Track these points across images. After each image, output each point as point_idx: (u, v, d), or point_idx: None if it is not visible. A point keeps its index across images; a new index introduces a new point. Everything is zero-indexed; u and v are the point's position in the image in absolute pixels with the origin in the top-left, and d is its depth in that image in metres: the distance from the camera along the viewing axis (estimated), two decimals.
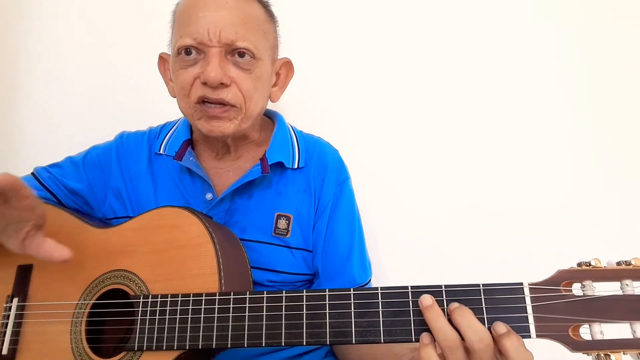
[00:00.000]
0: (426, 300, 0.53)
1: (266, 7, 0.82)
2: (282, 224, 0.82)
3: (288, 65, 0.88)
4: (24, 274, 0.79)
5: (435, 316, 0.52)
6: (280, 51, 0.88)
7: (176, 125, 0.91)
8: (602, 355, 0.49)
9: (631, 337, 0.49)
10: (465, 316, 0.51)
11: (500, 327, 0.51)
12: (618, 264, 0.52)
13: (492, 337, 0.51)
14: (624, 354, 0.49)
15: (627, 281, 0.51)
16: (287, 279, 0.82)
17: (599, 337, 0.50)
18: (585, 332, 0.51)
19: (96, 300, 0.72)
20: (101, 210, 0.88)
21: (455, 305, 0.53)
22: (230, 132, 0.78)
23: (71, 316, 0.73)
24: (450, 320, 0.52)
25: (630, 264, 0.52)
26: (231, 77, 0.75)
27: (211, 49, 0.74)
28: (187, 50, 0.75)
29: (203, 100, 0.75)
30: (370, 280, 0.87)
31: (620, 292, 0.51)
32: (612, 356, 0.49)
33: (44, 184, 0.86)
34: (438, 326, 0.51)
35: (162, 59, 0.86)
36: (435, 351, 0.51)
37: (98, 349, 0.72)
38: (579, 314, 0.50)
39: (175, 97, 0.82)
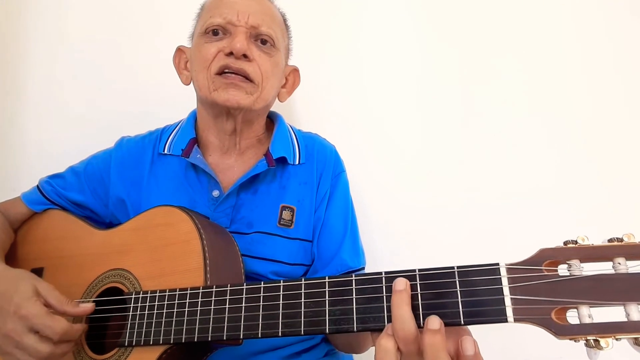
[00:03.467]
0: (399, 284, 0.50)
1: (284, 17, 0.92)
2: (286, 215, 0.84)
3: (296, 73, 0.94)
4: None
5: (400, 302, 0.48)
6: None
7: (179, 125, 0.93)
8: (591, 340, 0.44)
9: (625, 320, 0.44)
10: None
11: (468, 347, 0.46)
12: (609, 240, 0.47)
13: (458, 352, 0.47)
14: (615, 339, 0.44)
15: (620, 259, 0.46)
16: (289, 271, 0.82)
17: (587, 320, 0.45)
18: (572, 316, 0.46)
19: (95, 298, 0.75)
20: (108, 218, 0.91)
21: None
22: (245, 105, 0.80)
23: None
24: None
25: (622, 240, 0.47)
26: (253, 54, 0.80)
27: (238, 28, 0.80)
28: (215, 31, 0.81)
29: (223, 72, 0.79)
30: (364, 267, 0.88)
31: (612, 271, 0.46)
32: (602, 341, 0.44)
33: (48, 198, 0.89)
34: (399, 314, 0.48)
35: (180, 50, 0.91)
36: (396, 345, 0.48)
37: (98, 346, 0.74)
38: (563, 295, 0.46)
39: (188, 84, 0.87)
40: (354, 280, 0.54)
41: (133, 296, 0.69)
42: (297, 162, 0.88)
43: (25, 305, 0.65)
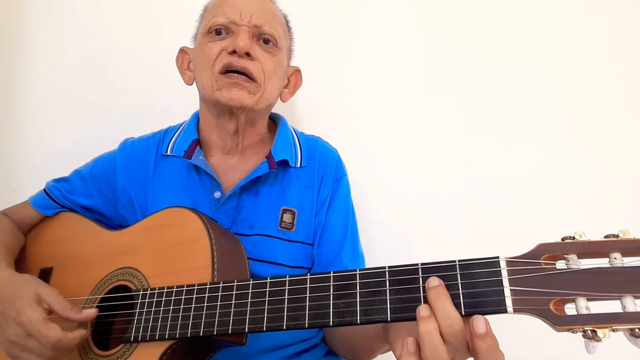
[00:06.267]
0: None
1: (286, 19, 0.94)
2: (287, 218, 0.85)
3: (297, 74, 0.96)
4: (45, 276, 0.85)
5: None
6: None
7: (182, 127, 0.95)
8: (589, 331, 0.45)
9: (621, 311, 0.45)
10: (440, 299, 0.49)
11: (479, 326, 0.47)
12: (606, 236, 0.49)
13: (471, 332, 0.48)
14: (612, 330, 0.45)
15: (616, 254, 0.48)
16: (290, 274, 0.82)
17: (584, 312, 0.46)
18: (570, 308, 0.47)
19: (104, 296, 0.76)
20: (117, 220, 0.92)
21: (434, 282, 0.51)
22: (248, 105, 0.82)
23: None
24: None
25: (617, 236, 0.48)
26: (256, 53, 0.82)
27: (241, 27, 0.82)
28: (218, 30, 0.83)
29: (226, 71, 0.81)
30: None
31: (608, 266, 0.47)
32: (599, 332, 0.45)
33: (58, 202, 0.91)
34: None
35: (183, 51, 0.93)
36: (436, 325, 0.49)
37: (104, 343, 0.74)
38: (561, 287, 0.47)
39: (191, 84, 0.89)
40: (358, 275, 0.56)
41: (140, 292, 0.70)
42: (298, 165, 0.89)
43: (24, 311, 0.67)
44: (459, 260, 0.51)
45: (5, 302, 0.69)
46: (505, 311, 0.48)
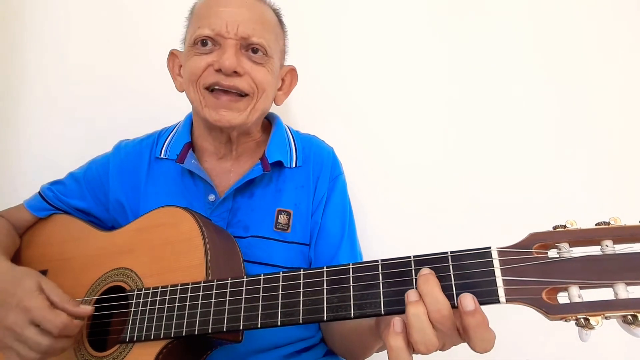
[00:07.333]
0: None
1: (278, 16, 0.89)
2: (283, 219, 0.84)
3: (293, 72, 0.93)
4: None
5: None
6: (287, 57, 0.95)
7: (175, 129, 0.93)
8: (582, 319, 0.45)
9: (613, 298, 0.45)
10: (428, 284, 0.49)
11: (467, 303, 0.47)
12: (597, 224, 0.49)
13: (460, 310, 0.48)
14: (605, 317, 0.45)
15: (607, 242, 0.47)
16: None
17: (577, 300, 0.46)
18: (562, 297, 0.47)
19: (99, 297, 0.76)
20: (110, 222, 0.92)
21: (424, 271, 0.51)
22: (237, 124, 0.80)
23: None
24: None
25: (608, 223, 0.48)
26: (245, 68, 0.78)
27: (228, 40, 0.78)
28: (203, 42, 0.79)
29: (213, 88, 0.78)
30: None
31: (600, 253, 0.47)
32: (592, 320, 0.45)
33: (51, 204, 0.91)
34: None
35: (173, 54, 0.90)
36: (405, 341, 0.49)
37: (99, 344, 0.74)
38: (554, 276, 0.47)
39: (182, 92, 0.87)
40: (351, 269, 0.56)
41: (135, 293, 0.70)
42: (293, 165, 0.88)
43: (28, 298, 0.67)
44: (451, 252, 0.51)
45: (6, 292, 0.69)
46: (498, 301, 0.48)
